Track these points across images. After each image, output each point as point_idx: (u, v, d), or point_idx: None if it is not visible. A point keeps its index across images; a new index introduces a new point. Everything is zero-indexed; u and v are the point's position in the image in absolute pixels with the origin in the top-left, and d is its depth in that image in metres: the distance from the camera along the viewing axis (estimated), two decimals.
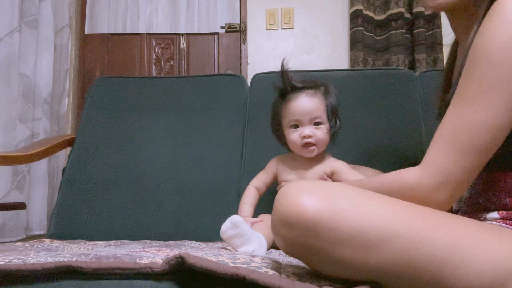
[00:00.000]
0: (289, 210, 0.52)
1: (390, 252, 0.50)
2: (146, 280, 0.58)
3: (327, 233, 0.50)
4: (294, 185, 0.55)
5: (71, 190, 1.32)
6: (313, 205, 0.51)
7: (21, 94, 1.75)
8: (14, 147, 1.68)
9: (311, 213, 0.51)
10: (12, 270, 0.58)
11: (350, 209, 0.52)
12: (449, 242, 0.51)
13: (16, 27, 1.71)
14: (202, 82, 1.47)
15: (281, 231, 0.54)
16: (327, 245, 0.51)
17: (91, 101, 1.48)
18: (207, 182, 1.29)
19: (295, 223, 0.51)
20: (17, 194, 1.67)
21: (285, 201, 0.53)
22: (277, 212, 0.54)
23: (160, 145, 1.36)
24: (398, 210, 0.54)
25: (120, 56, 2.34)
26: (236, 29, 2.31)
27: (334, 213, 0.51)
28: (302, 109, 0.95)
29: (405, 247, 0.50)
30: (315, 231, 0.50)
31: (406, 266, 0.50)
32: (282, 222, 0.53)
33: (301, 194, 0.52)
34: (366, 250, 0.50)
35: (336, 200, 0.53)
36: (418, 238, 0.51)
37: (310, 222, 0.50)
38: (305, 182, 0.56)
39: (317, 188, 0.54)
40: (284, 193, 0.54)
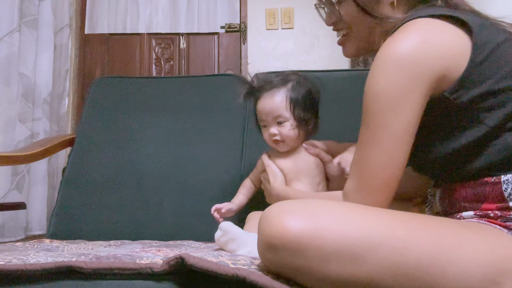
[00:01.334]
0: (272, 233, 0.52)
1: (377, 262, 0.50)
2: (146, 280, 0.58)
3: (312, 251, 0.50)
4: (274, 207, 0.56)
5: (71, 190, 1.32)
6: (294, 225, 0.51)
7: (21, 94, 1.75)
8: (14, 147, 1.68)
9: (293, 233, 0.51)
10: (12, 270, 0.58)
11: (331, 224, 0.52)
12: (433, 245, 0.52)
13: (15, 27, 1.71)
14: (202, 82, 1.47)
15: (267, 255, 0.54)
16: (314, 263, 0.51)
17: (91, 101, 1.48)
18: (207, 182, 1.29)
19: (279, 246, 0.51)
20: (16, 194, 1.67)
21: (267, 224, 0.53)
22: (261, 237, 0.54)
23: (160, 145, 1.36)
24: (379, 219, 0.54)
25: (120, 56, 2.34)
26: (236, 29, 2.31)
27: (316, 230, 0.51)
28: (263, 110, 0.98)
29: (390, 254, 0.51)
30: (300, 251, 0.51)
31: (395, 274, 0.50)
32: (266, 245, 0.53)
33: (283, 215, 0.53)
34: (353, 262, 0.50)
35: (317, 216, 0.53)
36: (401, 244, 0.51)
37: (294, 242, 0.51)
38: (285, 203, 0.57)
39: (298, 207, 0.54)
40: (266, 216, 0.55)
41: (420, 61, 0.59)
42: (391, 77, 0.60)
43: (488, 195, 0.60)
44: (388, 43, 0.62)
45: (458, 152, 0.61)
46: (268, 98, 0.98)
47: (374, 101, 0.61)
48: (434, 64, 0.59)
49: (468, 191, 0.63)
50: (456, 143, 0.61)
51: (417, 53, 0.59)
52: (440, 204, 0.70)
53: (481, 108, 0.59)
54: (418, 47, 0.59)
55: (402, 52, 0.59)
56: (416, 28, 0.61)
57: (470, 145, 0.60)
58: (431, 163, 0.66)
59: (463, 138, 0.60)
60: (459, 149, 0.61)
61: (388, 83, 0.60)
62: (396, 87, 0.59)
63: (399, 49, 0.60)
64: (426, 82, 0.59)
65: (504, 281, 0.51)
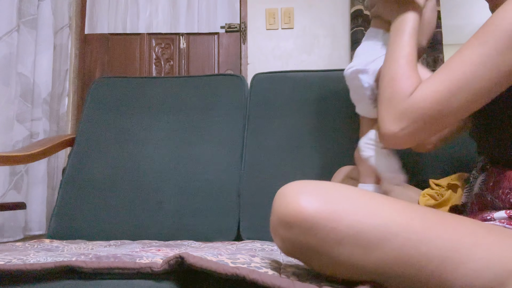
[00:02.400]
0: (287, 210, 0.52)
1: (389, 251, 0.50)
2: (146, 280, 0.58)
3: (326, 233, 0.50)
4: (292, 185, 0.56)
5: (71, 190, 1.32)
6: (311, 205, 0.51)
7: (19, 94, 1.74)
8: (12, 147, 1.67)
9: (309, 212, 0.51)
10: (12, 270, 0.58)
11: (348, 208, 0.52)
12: (448, 241, 0.51)
13: (14, 27, 1.71)
14: (202, 82, 1.47)
15: (279, 231, 0.54)
16: (326, 245, 0.51)
17: (91, 101, 1.48)
18: (207, 182, 1.29)
19: (294, 223, 0.51)
20: (15, 194, 1.66)
21: (283, 201, 0.53)
22: (276, 213, 0.54)
23: (160, 145, 1.36)
24: (397, 210, 0.54)
25: (120, 56, 2.34)
26: (236, 29, 2.31)
27: (332, 212, 0.51)
28: None
29: (403, 246, 0.50)
30: (313, 231, 0.51)
31: (405, 265, 0.50)
32: (280, 222, 0.53)
33: (300, 195, 0.53)
34: (365, 249, 0.50)
35: (334, 200, 0.53)
36: (416, 237, 0.51)
37: (308, 221, 0.51)
38: (303, 182, 0.56)
39: (316, 189, 0.54)
40: (282, 194, 0.54)
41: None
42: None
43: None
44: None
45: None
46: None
47: (502, 24, 0.57)
48: None
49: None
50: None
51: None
52: (479, 188, 0.69)
53: None
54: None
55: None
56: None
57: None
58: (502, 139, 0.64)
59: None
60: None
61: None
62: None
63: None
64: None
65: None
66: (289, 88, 1.40)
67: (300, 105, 1.36)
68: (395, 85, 0.66)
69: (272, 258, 0.72)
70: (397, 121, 0.64)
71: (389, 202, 0.55)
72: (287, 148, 1.31)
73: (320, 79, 1.40)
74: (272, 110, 1.37)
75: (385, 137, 0.66)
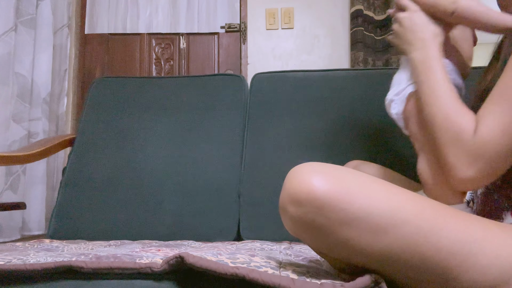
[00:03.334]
0: (299, 188, 0.52)
1: (398, 238, 0.50)
2: (146, 280, 0.58)
3: (336, 213, 0.50)
4: (305, 165, 0.55)
5: (71, 190, 1.32)
6: (323, 185, 0.51)
7: (16, 94, 1.74)
8: (7, 147, 1.67)
9: (321, 191, 0.50)
10: (12, 270, 0.58)
11: (360, 191, 0.52)
12: (458, 233, 0.51)
13: (12, 27, 1.71)
14: (202, 82, 1.47)
15: (289, 208, 0.53)
16: (335, 225, 0.51)
17: (91, 101, 1.48)
18: (207, 182, 1.29)
19: (304, 201, 0.51)
20: (11, 194, 1.66)
21: (295, 179, 0.53)
22: (286, 190, 0.54)
23: (160, 145, 1.36)
24: (409, 198, 0.54)
25: (120, 56, 2.34)
26: (236, 29, 2.31)
27: (344, 193, 0.51)
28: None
29: (413, 234, 0.50)
30: (324, 210, 0.50)
31: (413, 253, 0.50)
32: (291, 199, 0.52)
33: (312, 174, 0.52)
34: (374, 233, 0.50)
35: (347, 182, 0.52)
36: (427, 226, 0.51)
37: (319, 200, 0.50)
38: (317, 164, 0.56)
39: (329, 169, 0.54)
40: (295, 172, 0.54)
41: None
42: None
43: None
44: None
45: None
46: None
47: None
48: None
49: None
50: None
51: None
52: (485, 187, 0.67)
53: None
54: None
55: None
56: None
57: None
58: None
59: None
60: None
61: None
62: None
63: None
64: None
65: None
66: (289, 88, 1.39)
67: (300, 105, 1.36)
68: (454, 126, 0.62)
69: (271, 257, 0.72)
70: (472, 165, 0.59)
71: (401, 191, 0.55)
72: (287, 148, 1.31)
73: (320, 79, 1.40)
74: (272, 110, 1.37)
75: (461, 183, 0.61)
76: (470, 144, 0.59)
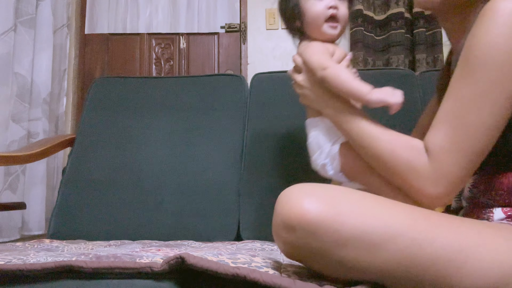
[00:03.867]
0: (290, 213, 0.52)
1: (394, 252, 0.50)
2: (146, 280, 0.58)
3: (330, 235, 0.50)
4: (295, 188, 0.55)
5: (71, 190, 1.32)
6: (315, 208, 0.51)
7: (15, 94, 1.74)
8: (6, 147, 1.67)
9: (313, 215, 0.51)
10: (12, 270, 0.58)
11: (352, 210, 0.52)
12: (453, 241, 0.51)
13: (11, 26, 1.71)
14: (202, 82, 1.47)
15: (282, 234, 0.53)
16: (330, 247, 0.51)
17: (91, 101, 1.48)
18: (207, 182, 1.29)
19: (297, 226, 0.51)
20: (10, 194, 1.66)
21: (286, 204, 0.53)
22: (279, 215, 0.54)
23: (160, 145, 1.36)
24: (400, 210, 0.54)
25: (120, 56, 2.34)
26: (236, 29, 2.31)
27: (336, 215, 0.51)
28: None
29: (408, 246, 0.50)
30: (317, 233, 0.50)
31: (411, 265, 0.50)
32: (284, 225, 0.53)
33: (303, 197, 0.52)
34: (370, 250, 0.50)
35: (337, 202, 0.53)
36: (421, 237, 0.51)
37: (312, 224, 0.50)
38: (307, 185, 0.56)
39: (319, 191, 0.54)
40: (286, 196, 0.54)
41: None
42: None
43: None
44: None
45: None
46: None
47: (489, 54, 0.55)
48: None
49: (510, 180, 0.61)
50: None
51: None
52: (469, 192, 0.67)
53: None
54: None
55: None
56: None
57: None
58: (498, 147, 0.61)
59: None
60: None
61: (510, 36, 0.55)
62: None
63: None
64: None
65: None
66: (289, 88, 1.39)
67: (300, 105, 1.36)
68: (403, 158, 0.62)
69: (272, 257, 0.72)
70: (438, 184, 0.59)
71: (392, 204, 0.55)
72: (287, 148, 1.30)
73: None
74: (272, 110, 1.37)
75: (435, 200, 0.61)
76: (428, 168, 0.60)
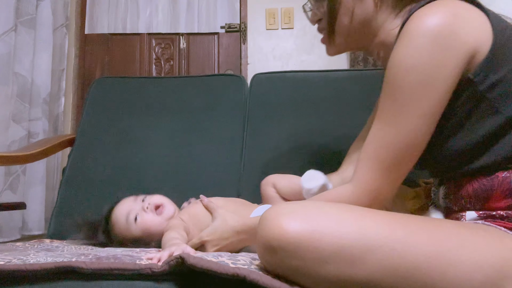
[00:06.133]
0: (270, 235, 0.52)
1: (375, 263, 0.50)
2: (146, 281, 0.58)
3: (310, 253, 0.51)
4: (273, 209, 0.56)
5: (71, 190, 1.32)
6: (292, 227, 0.51)
7: (16, 94, 1.74)
8: (7, 147, 1.67)
9: (291, 235, 0.51)
10: (12, 270, 0.58)
11: (329, 225, 0.52)
12: (433, 246, 0.51)
13: (11, 27, 1.71)
14: (202, 82, 1.47)
15: (266, 257, 0.54)
16: (312, 265, 0.51)
17: (91, 101, 1.48)
18: (207, 182, 1.29)
19: (277, 247, 0.52)
20: (10, 194, 1.66)
21: (266, 226, 0.54)
22: (260, 238, 0.55)
23: (160, 145, 1.36)
24: (378, 220, 0.54)
25: (120, 56, 2.34)
26: (236, 29, 2.31)
27: (314, 232, 0.51)
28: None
29: (389, 256, 0.51)
30: (297, 253, 0.51)
31: (394, 276, 0.50)
32: (265, 247, 0.53)
33: (281, 217, 0.53)
34: (351, 264, 0.50)
35: (315, 218, 0.53)
36: (400, 246, 0.51)
37: (291, 244, 0.51)
38: (284, 205, 0.57)
39: (297, 209, 0.54)
40: (265, 219, 0.55)
41: (454, 33, 0.57)
42: (423, 50, 0.58)
43: (496, 190, 0.59)
44: (417, 17, 0.60)
45: (474, 144, 0.60)
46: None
47: (403, 75, 0.59)
48: (467, 38, 0.57)
49: (475, 186, 0.61)
50: (473, 135, 0.60)
51: (450, 25, 0.57)
52: (443, 202, 0.69)
53: (498, 96, 0.58)
54: (451, 19, 0.57)
55: (435, 24, 0.57)
56: (444, 4, 0.60)
57: (486, 137, 0.59)
58: (443, 157, 0.64)
59: (480, 129, 0.59)
60: (475, 142, 0.60)
61: (421, 56, 0.58)
62: (429, 60, 0.57)
63: (431, 22, 0.58)
64: (459, 56, 0.57)
65: (506, 284, 0.50)
66: (289, 88, 1.39)
67: (299, 105, 1.36)
68: None
69: None
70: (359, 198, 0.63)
71: (369, 214, 0.56)
72: (287, 148, 1.30)
73: (320, 79, 1.40)
74: (272, 110, 1.37)
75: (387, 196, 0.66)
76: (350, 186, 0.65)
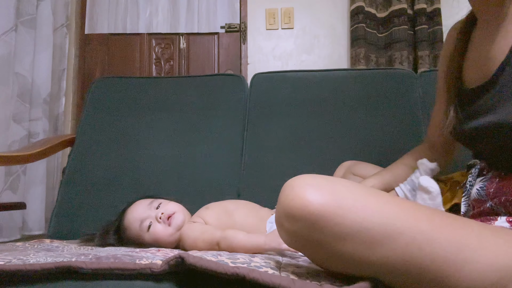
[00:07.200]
0: (293, 203, 0.52)
1: (393, 249, 0.50)
2: (145, 281, 0.58)
3: (331, 228, 0.50)
4: (299, 178, 0.55)
5: (71, 190, 1.32)
6: (317, 199, 0.51)
7: (16, 94, 1.74)
8: (8, 147, 1.67)
9: (315, 206, 0.50)
10: (12, 270, 0.58)
11: (355, 204, 0.51)
12: (453, 242, 0.51)
13: (12, 27, 1.71)
14: (202, 82, 1.47)
15: (284, 223, 0.53)
16: (330, 240, 0.51)
17: (91, 101, 1.48)
18: (207, 182, 1.29)
19: (299, 217, 0.51)
20: (10, 194, 1.66)
21: (289, 194, 0.53)
22: (282, 205, 0.54)
23: (160, 145, 1.36)
24: (403, 209, 0.54)
25: (120, 56, 2.34)
26: (236, 29, 2.31)
27: (338, 207, 0.51)
28: None
29: (408, 245, 0.50)
30: (318, 225, 0.50)
31: (409, 264, 0.50)
32: (286, 215, 0.53)
33: (306, 188, 0.52)
34: (369, 246, 0.50)
35: (341, 195, 0.52)
36: (421, 237, 0.50)
37: (314, 216, 0.50)
38: (311, 176, 0.56)
39: (323, 183, 0.54)
40: (289, 186, 0.54)
41: None
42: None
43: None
44: None
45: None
46: None
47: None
48: None
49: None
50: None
51: None
52: (477, 194, 0.67)
53: None
54: None
55: None
56: None
57: None
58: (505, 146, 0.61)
59: None
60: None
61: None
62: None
63: None
64: None
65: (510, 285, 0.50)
66: (289, 88, 1.39)
67: (300, 105, 1.36)
68: None
69: (271, 257, 0.72)
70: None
71: (396, 201, 0.55)
72: (287, 148, 1.31)
73: (320, 79, 1.40)
74: (272, 110, 1.37)
75: None
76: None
